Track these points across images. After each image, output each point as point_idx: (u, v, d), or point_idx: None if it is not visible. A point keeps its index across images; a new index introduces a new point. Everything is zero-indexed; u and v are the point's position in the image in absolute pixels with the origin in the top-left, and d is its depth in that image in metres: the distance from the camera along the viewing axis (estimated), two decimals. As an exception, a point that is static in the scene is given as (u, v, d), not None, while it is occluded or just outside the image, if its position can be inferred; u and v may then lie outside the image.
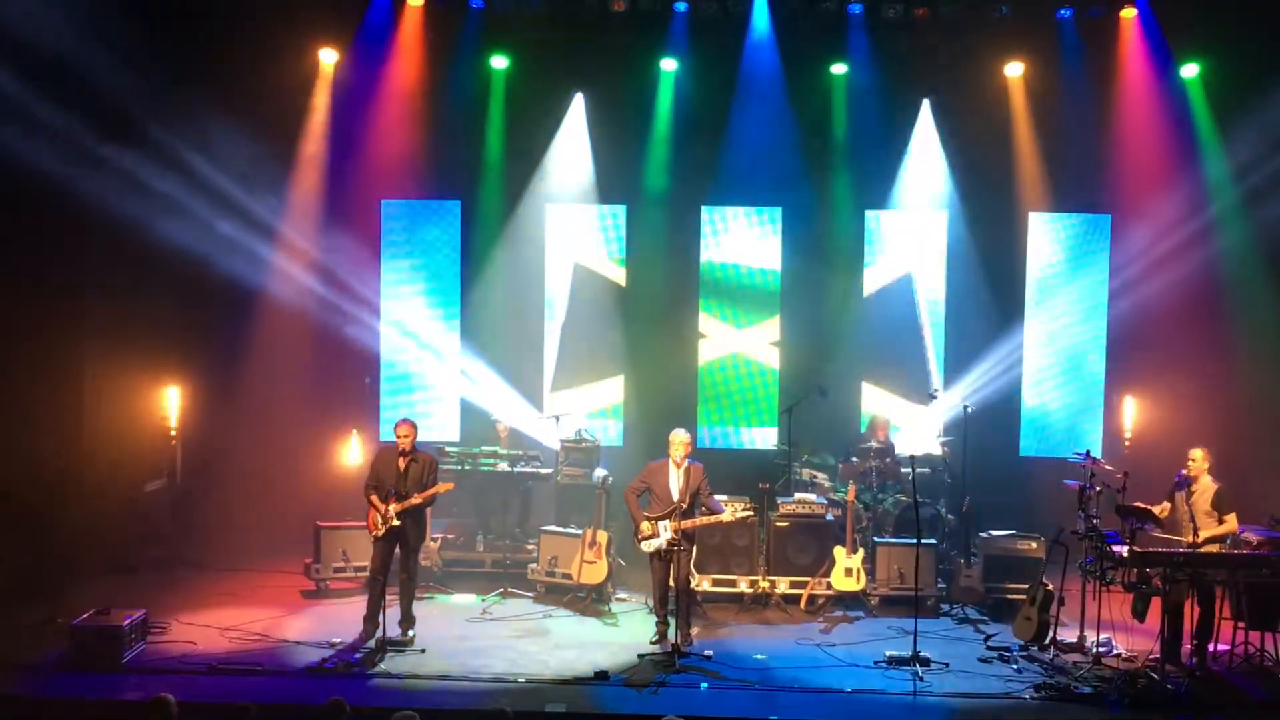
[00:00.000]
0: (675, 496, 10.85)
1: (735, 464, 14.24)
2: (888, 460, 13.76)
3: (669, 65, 15.07)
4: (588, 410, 15.48)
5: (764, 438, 15.48)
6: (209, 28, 14.02)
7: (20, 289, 12.51)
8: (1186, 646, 10.56)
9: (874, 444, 13.84)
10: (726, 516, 11.00)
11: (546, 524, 13.09)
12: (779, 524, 12.58)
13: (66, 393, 13.06)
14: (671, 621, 10.93)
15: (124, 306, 13.77)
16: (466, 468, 13.32)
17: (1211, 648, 10.59)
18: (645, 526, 10.87)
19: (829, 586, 12.24)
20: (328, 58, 14.95)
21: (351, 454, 14.23)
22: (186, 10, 14.03)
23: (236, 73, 14.10)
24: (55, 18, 12.03)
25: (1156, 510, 10.80)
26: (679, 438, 11.02)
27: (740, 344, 15.68)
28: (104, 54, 12.44)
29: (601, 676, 10.09)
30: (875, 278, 15.59)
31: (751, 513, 11.60)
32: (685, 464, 10.95)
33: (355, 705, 7.91)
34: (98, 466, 13.32)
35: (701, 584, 12.19)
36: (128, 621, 10.32)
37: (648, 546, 10.91)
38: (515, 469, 13.40)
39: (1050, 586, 11.02)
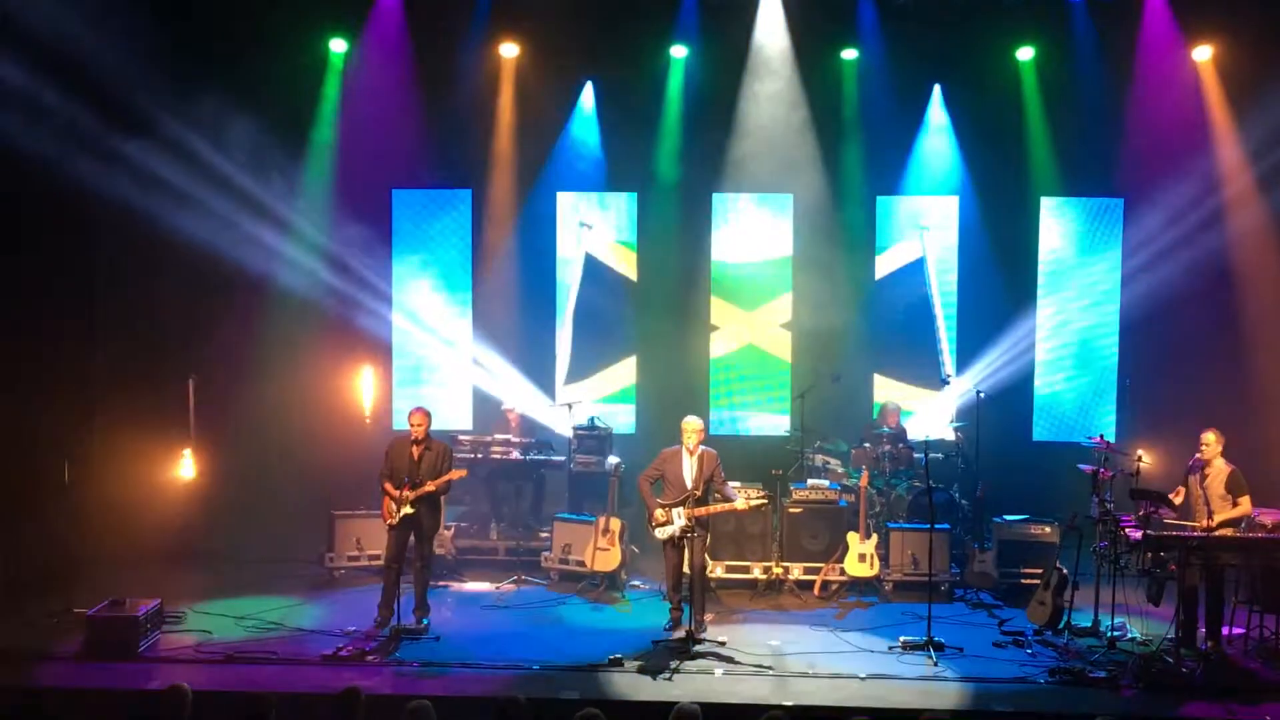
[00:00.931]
0: (689, 484, 10.84)
1: (748, 450, 14.22)
2: (901, 446, 13.75)
3: (679, 52, 15.03)
4: (600, 395, 15.50)
5: (776, 424, 15.46)
6: (218, 18, 14.02)
7: (31, 281, 12.54)
8: (1201, 630, 10.54)
9: (886, 430, 13.85)
10: (740, 504, 11.01)
11: (560, 511, 13.10)
12: (792, 510, 12.58)
13: (79, 384, 13.09)
14: (685, 608, 10.94)
15: (135, 298, 13.84)
16: (479, 456, 13.33)
17: (1226, 631, 10.58)
18: (659, 514, 10.85)
19: (843, 572, 12.24)
20: (337, 47, 14.95)
21: (365, 387, 14.32)
22: (195, 0, 14.03)
23: (246, 63, 14.10)
24: (62, 7, 12.03)
25: (1171, 495, 10.78)
26: (691, 425, 11.01)
27: (752, 332, 15.65)
28: (112, 45, 12.43)
29: (616, 663, 10.10)
30: (887, 263, 15.55)
31: (765, 500, 11.61)
32: (699, 451, 10.95)
33: (370, 693, 7.94)
34: (111, 458, 13.35)
35: (715, 570, 12.18)
36: (143, 611, 10.37)
37: (662, 534, 10.90)
38: (528, 456, 13.43)
39: (1064, 571, 11.01)
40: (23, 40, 11.81)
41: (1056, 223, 15.37)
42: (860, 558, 12.09)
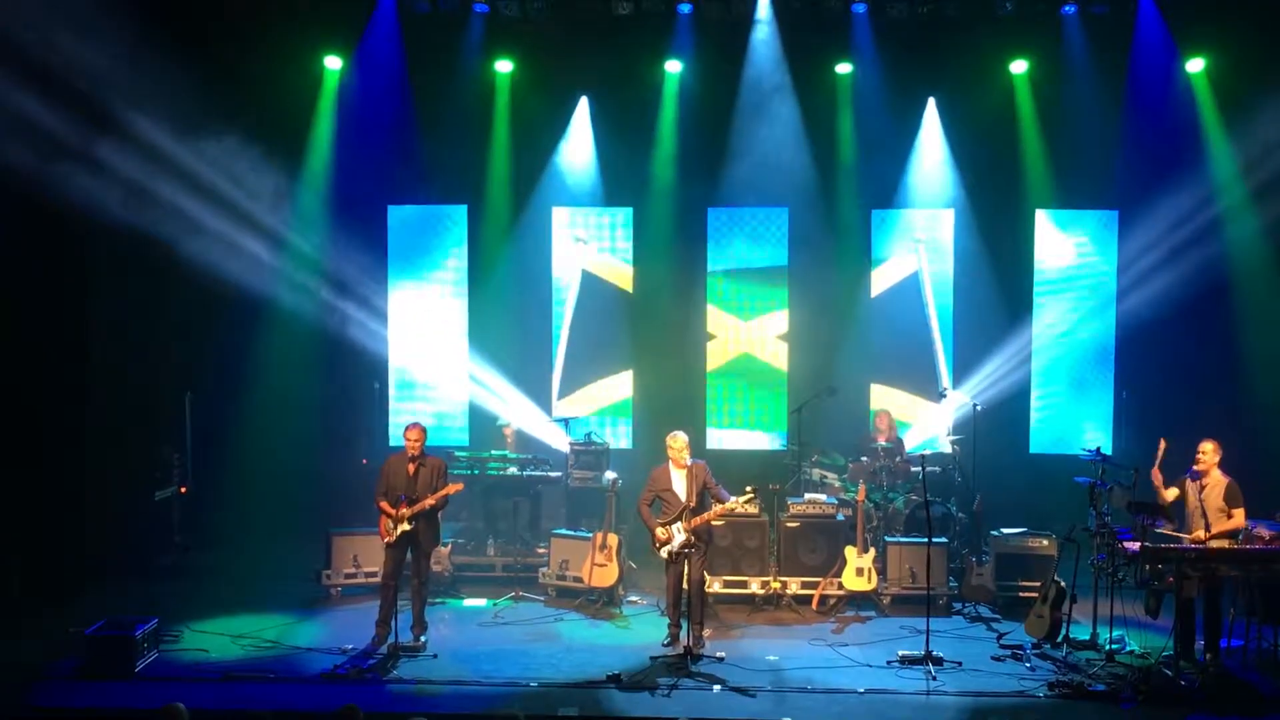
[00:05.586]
0: (683, 497, 10.83)
1: (745, 465, 14.18)
2: (898, 459, 13.75)
3: (673, 67, 15.08)
4: (597, 409, 15.51)
5: (773, 439, 15.47)
6: (215, 36, 14.05)
7: (24, 296, 12.51)
8: (1200, 642, 10.52)
9: (881, 442, 13.83)
10: (731, 505, 10.95)
11: (557, 527, 13.09)
12: (789, 524, 12.56)
13: (75, 400, 13.06)
14: (683, 624, 10.92)
15: (132, 314, 13.83)
16: (476, 472, 13.32)
17: (1224, 643, 10.56)
18: (660, 533, 10.79)
19: (840, 586, 12.21)
20: (333, 64, 14.99)
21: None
22: (192, 18, 14.03)
23: (242, 80, 14.14)
24: (56, 23, 12.02)
25: (1165, 493, 10.75)
26: (678, 440, 10.98)
27: (749, 343, 15.67)
28: (109, 62, 12.44)
29: (614, 680, 10.07)
30: (883, 277, 15.58)
31: (753, 495, 11.31)
32: (687, 464, 10.94)
33: (369, 711, 7.91)
34: (109, 475, 13.33)
35: (713, 585, 12.14)
36: (140, 630, 10.33)
37: (665, 552, 10.86)
38: (525, 472, 13.41)
39: (1062, 584, 10.99)
40: (17, 56, 11.78)
41: (1052, 235, 15.39)
42: (858, 572, 12.07)
